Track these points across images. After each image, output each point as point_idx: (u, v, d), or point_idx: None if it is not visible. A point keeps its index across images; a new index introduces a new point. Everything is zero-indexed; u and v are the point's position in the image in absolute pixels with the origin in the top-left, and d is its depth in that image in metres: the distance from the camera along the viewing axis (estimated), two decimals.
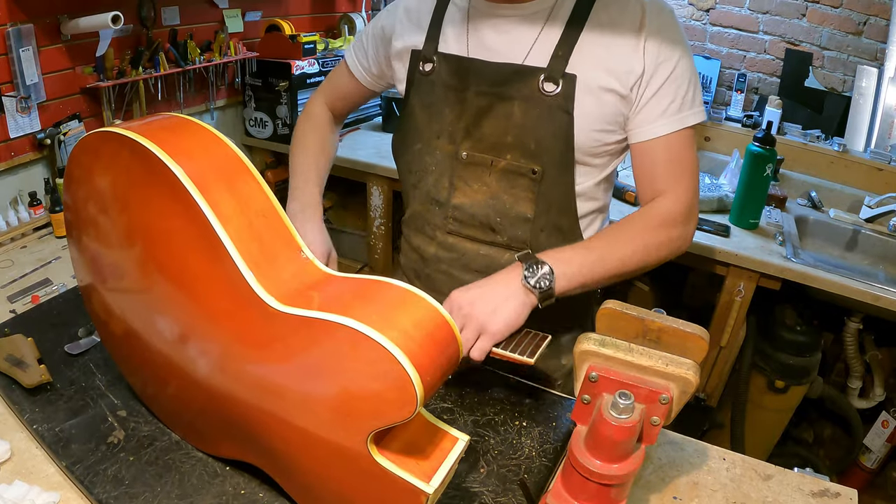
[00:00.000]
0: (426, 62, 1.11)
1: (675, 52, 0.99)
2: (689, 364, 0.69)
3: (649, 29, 0.98)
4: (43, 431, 0.87)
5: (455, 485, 0.84)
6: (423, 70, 1.11)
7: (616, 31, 0.99)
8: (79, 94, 1.74)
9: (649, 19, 0.99)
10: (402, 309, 0.62)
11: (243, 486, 0.82)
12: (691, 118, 1.01)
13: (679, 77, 1.00)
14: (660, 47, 0.98)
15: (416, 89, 1.14)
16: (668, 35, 0.99)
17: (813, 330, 2.04)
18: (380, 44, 1.21)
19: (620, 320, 0.72)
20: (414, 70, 1.13)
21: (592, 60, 0.99)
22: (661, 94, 1.00)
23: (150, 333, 0.81)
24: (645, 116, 1.01)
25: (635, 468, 0.68)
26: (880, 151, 2.28)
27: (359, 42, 1.27)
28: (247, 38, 2.29)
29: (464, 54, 1.07)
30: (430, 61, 1.10)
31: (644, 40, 0.98)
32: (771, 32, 2.54)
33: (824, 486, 0.92)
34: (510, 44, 1.04)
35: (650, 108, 1.01)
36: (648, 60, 0.99)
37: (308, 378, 0.64)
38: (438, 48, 1.10)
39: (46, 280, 1.33)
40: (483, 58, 1.05)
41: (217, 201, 0.66)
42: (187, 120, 0.74)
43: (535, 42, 1.02)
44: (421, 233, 1.20)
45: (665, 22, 1.00)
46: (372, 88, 1.30)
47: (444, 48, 1.10)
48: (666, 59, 0.99)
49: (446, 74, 1.09)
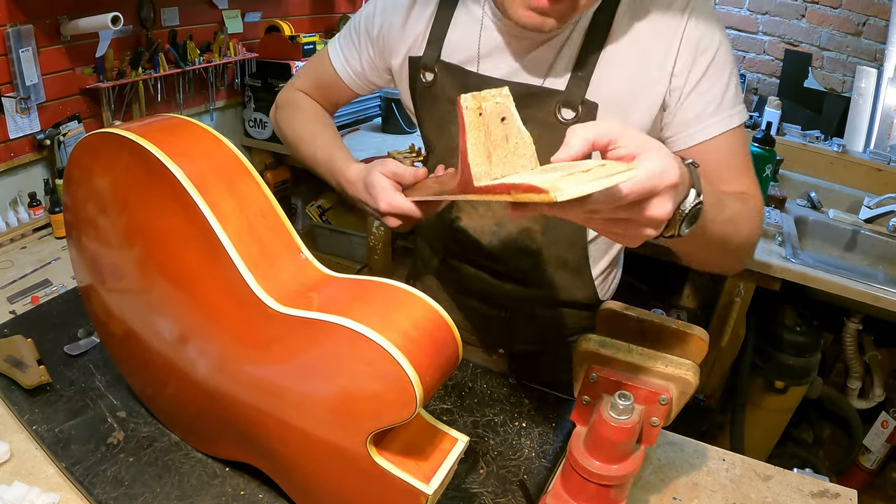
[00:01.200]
0: (427, 71, 1.01)
1: (714, 40, 0.88)
2: (689, 365, 0.69)
3: (684, 23, 0.88)
4: (42, 432, 0.87)
5: (454, 485, 0.84)
6: (424, 80, 1.01)
7: (644, 33, 0.89)
8: (78, 95, 1.74)
9: (683, 13, 0.88)
10: (402, 310, 0.62)
11: (243, 487, 0.82)
12: (737, 118, 0.90)
13: (719, 69, 0.89)
14: (695, 38, 0.88)
15: (421, 101, 1.04)
16: (705, 26, 0.88)
17: (812, 330, 2.05)
18: (375, 47, 1.09)
19: (620, 321, 0.72)
20: (415, 80, 1.03)
21: (618, 74, 0.90)
22: (701, 91, 0.89)
23: (149, 334, 0.81)
24: (686, 119, 0.90)
25: (635, 469, 0.68)
26: (879, 152, 2.28)
27: (347, 40, 1.12)
28: (246, 39, 2.29)
29: (472, 68, 0.97)
30: (430, 71, 1.00)
31: (680, 37, 0.88)
32: (770, 33, 2.54)
33: (824, 486, 0.92)
34: (528, 61, 0.94)
35: (690, 109, 0.90)
36: (683, 52, 0.88)
37: (307, 379, 0.64)
38: (441, 56, 0.99)
39: (46, 281, 1.33)
40: (494, 75, 0.95)
41: (216, 202, 0.66)
42: (187, 121, 0.74)
43: (556, 60, 0.92)
44: (426, 245, 1.17)
45: (701, 12, 0.88)
46: (360, 92, 1.17)
47: (448, 57, 0.99)
48: (704, 49, 0.87)
49: (450, 88, 0.99)
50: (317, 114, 1.17)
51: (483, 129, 0.63)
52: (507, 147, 0.64)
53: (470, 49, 0.97)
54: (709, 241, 0.77)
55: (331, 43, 1.16)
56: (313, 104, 1.19)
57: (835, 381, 2.33)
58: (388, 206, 0.86)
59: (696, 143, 0.90)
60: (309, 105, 1.19)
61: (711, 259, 0.88)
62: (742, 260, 0.91)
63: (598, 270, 1.08)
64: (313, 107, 1.19)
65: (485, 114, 0.62)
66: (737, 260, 0.90)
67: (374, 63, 1.11)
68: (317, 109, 1.19)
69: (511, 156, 0.64)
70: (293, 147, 1.17)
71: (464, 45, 0.98)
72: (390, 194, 0.86)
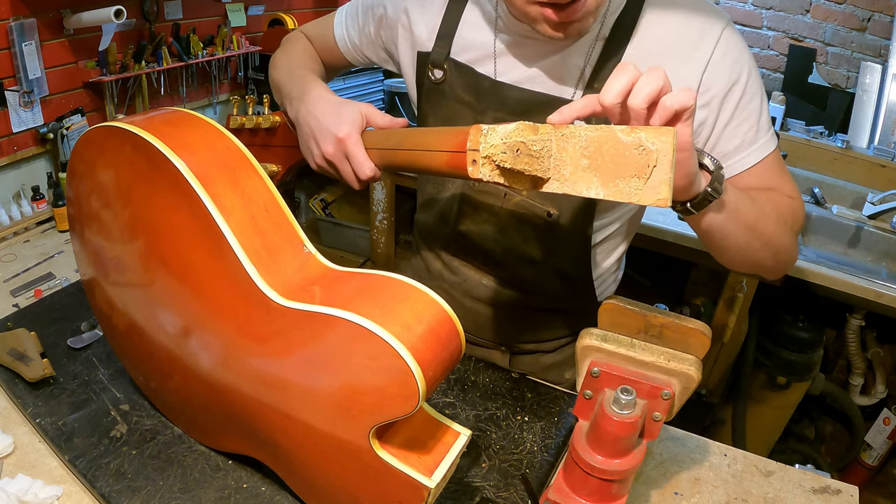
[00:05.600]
0: (436, 68, 0.97)
1: (744, 68, 0.84)
2: (691, 360, 0.69)
3: (712, 47, 0.83)
4: (46, 425, 0.87)
5: (457, 479, 0.85)
6: (432, 77, 0.98)
7: (665, 50, 0.85)
8: (81, 89, 1.74)
9: (709, 32, 0.83)
10: (405, 303, 0.62)
11: (245, 480, 0.82)
12: (772, 142, 0.88)
13: (752, 97, 0.85)
14: (726, 67, 0.84)
15: (426, 98, 1.01)
16: (733, 50, 0.84)
17: (815, 326, 2.04)
18: (377, 27, 1.07)
19: (622, 316, 0.72)
20: (423, 75, 1.00)
21: None
22: (735, 122, 0.86)
23: (152, 327, 0.81)
24: (725, 152, 0.87)
25: (637, 464, 0.68)
26: (884, 148, 2.27)
27: (353, 11, 1.11)
28: (249, 33, 2.29)
29: (483, 70, 0.94)
30: (440, 68, 0.97)
31: (706, 61, 0.84)
32: (774, 28, 2.53)
33: (825, 482, 0.92)
34: (542, 67, 0.90)
35: (728, 143, 0.86)
36: (713, 83, 0.84)
37: (310, 372, 0.65)
38: (451, 54, 0.96)
39: (49, 274, 1.33)
40: (507, 80, 0.92)
41: (220, 195, 0.66)
42: (190, 114, 0.74)
43: (572, 70, 0.89)
44: (428, 246, 1.15)
45: (729, 35, 0.85)
46: (356, 64, 1.17)
47: (459, 55, 0.96)
48: (735, 79, 0.84)
49: (460, 89, 0.96)
50: (303, 53, 1.15)
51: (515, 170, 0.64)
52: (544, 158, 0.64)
53: (481, 48, 0.95)
54: (738, 218, 0.77)
55: (339, 9, 1.16)
56: (308, 47, 1.17)
57: (837, 377, 2.32)
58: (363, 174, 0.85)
59: (734, 174, 0.88)
60: (303, 47, 1.17)
61: (744, 244, 0.82)
62: (779, 257, 0.87)
63: (599, 272, 1.07)
64: (307, 49, 1.17)
65: (504, 165, 0.63)
66: (773, 255, 0.86)
67: (372, 41, 1.10)
68: (307, 51, 1.16)
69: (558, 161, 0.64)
70: (272, 80, 1.12)
71: (475, 44, 0.95)
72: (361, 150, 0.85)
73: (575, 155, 0.61)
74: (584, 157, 0.61)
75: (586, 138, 0.60)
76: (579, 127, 0.61)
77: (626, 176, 0.58)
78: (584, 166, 0.61)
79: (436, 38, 0.98)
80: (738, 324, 1.98)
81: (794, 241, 0.89)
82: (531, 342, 1.15)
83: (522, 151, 0.62)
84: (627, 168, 0.58)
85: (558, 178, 0.63)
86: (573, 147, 0.61)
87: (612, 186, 0.59)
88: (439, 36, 0.97)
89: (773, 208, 0.85)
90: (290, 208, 0.74)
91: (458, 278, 1.11)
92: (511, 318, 1.12)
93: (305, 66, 1.08)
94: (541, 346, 1.16)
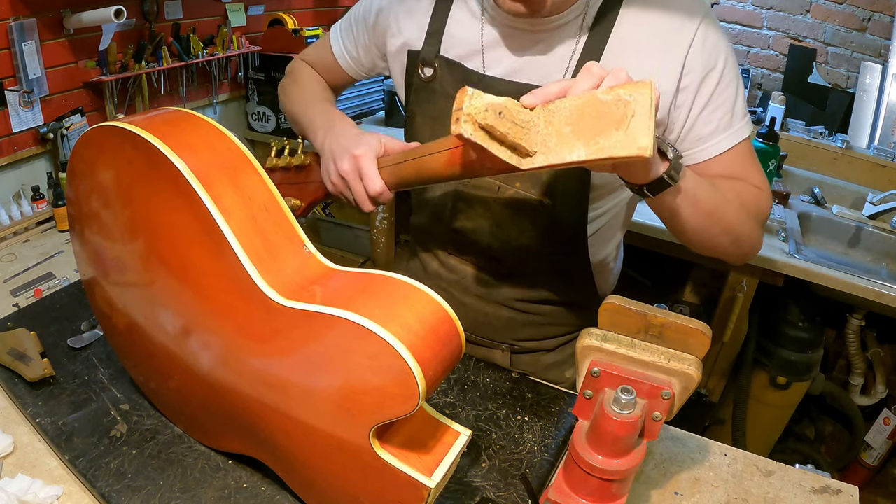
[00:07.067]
0: (426, 66, 0.99)
1: (721, 55, 0.88)
2: (692, 360, 0.69)
3: (691, 36, 0.86)
4: (46, 425, 0.87)
5: (457, 479, 0.85)
6: (422, 75, 1.00)
7: (647, 38, 0.88)
8: (82, 89, 1.74)
9: (690, 24, 0.87)
10: (405, 303, 0.62)
11: (245, 480, 0.82)
12: (745, 129, 0.91)
13: (728, 84, 0.89)
14: (705, 53, 0.87)
15: (416, 96, 1.03)
16: (712, 36, 0.87)
17: (815, 326, 2.04)
18: (371, 35, 1.09)
19: (622, 315, 0.72)
20: (412, 74, 1.02)
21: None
22: (711, 107, 0.89)
23: (152, 327, 0.81)
24: (700, 136, 0.90)
25: (637, 463, 0.68)
26: (884, 148, 2.28)
27: (347, 26, 1.14)
28: (249, 32, 2.29)
29: (471, 66, 0.96)
30: (430, 66, 0.99)
31: (688, 47, 0.87)
32: (775, 28, 2.53)
33: (825, 482, 0.92)
34: (528, 60, 0.93)
35: (704, 127, 0.90)
36: (692, 69, 0.87)
37: (310, 372, 0.65)
38: (441, 51, 0.98)
39: (49, 274, 1.33)
40: (495, 74, 0.94)
41: (220, 195, 0.66)
42: (190, 114, 0.74)
43: (556, 62, 0.91)
44: (424, 246, 1.16)
45: (709, 22, 0.87)
46: (358, 78, 1.20)
47: (448, 52, 0.98)
48: (713, 65, 0.87)
49: (449, 86, 0.98)
50: (315, 83, 1.19)
51: (496, 132, 0.64)
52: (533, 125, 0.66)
53: (469, 44, 0.96)
54: (696, 203, 0.81)
55: (333, 28, 1.19)
56: (314, 74, 1.22)
57: (837, 377, 2.33)
58: (373, 190, 0.89)
59: (708, 157, 0.91)
60: (309, 74, 1.21)
61: (701, 229, 0.85)
62: (740, 243, 0.90)
63: (596, 262, 1.08)
64: (313, 76, 1.21)
65: (486, 123, 0.63)
66: (733, 241, 0.89)
67: (370, 50, 1.12)
68: (316, 79, 1.21)
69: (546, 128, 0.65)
70: (289, 111, 1.18)
71: (463, 40, 0.97)
72: (377, 179, 0.88)
73: (560, 126, 0.63)
74: (567, 124, 0.63)
75: (570, 107, 0.63)
76: (563, 100, 0.64)
77: (607, 131, 0.60)
78: (567, 133, 0.63)
79: (426, 36, 1.00)
80: (738, 324, 1.98)
81: (757, 230, 0.93)
82: (531, 340, 1.15)
83: (505, 116, 0.63)
84: (608, 124, 0.60)
85: (544, 151, 0.65)
86: (559, 119, 0.64)
87: (593, 145, 0.60)
88: (429, 34, 0.99)
89: (737, 196, 0.88)
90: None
91: (456, 276, 1.11)
92: (511, 315, 1.12)
93: (324, 98, 1.15)
94: (541, 344, 1.16)
